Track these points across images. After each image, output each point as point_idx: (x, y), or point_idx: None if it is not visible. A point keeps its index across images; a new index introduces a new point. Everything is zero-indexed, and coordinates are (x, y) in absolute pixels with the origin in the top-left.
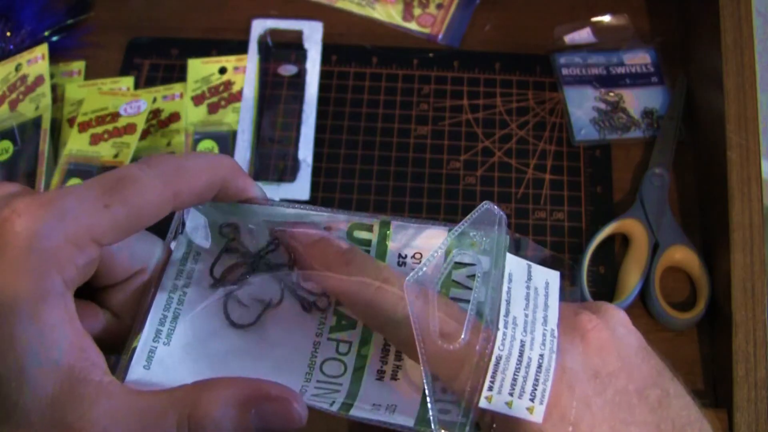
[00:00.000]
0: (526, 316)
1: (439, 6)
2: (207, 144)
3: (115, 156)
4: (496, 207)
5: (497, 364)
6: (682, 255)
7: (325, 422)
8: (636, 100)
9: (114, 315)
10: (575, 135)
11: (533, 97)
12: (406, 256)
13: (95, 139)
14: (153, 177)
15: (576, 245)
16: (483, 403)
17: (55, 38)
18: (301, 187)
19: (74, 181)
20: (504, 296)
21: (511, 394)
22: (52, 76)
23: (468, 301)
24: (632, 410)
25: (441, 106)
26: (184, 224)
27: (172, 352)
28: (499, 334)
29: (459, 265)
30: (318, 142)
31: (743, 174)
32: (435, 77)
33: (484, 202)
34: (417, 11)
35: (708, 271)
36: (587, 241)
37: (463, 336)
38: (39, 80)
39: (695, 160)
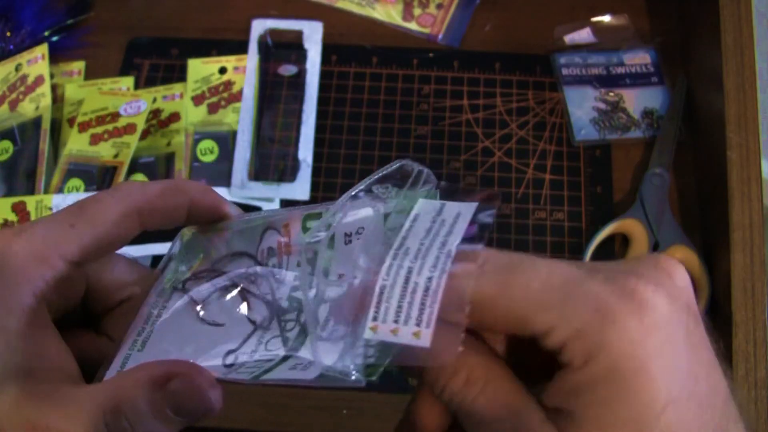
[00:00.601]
0: (422, 245)
1: (439, 6)
2: (207, 144)
3: (115, 156)
4: (414, 163)
5: (381, 293)
6: (682, 255)
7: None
8: (636, 100)
9: (110, 339)
10: (575, 135)
11: (533, 97)
12: (351, 233)
13: (95, 139)
14: (116, 198)
15: (576, 245)
16: (368, 334)
17: (55, 38)
18: (301, 187)
19: (74, 181)
20: (402, 233)
21: (396, 321)
22: (52, 76)
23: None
24: None
25: (441, 106)
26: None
27: (143, 355)
28: (384, 266)
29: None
30: (318, 142)
31: (743, 174)
32: (435, 77)
33: (397, 160)
34: (417, 11)
35: (708, 271)
36: (587, 241)
37: (353, 276)
38: (39, 80)
39: (695, 160)
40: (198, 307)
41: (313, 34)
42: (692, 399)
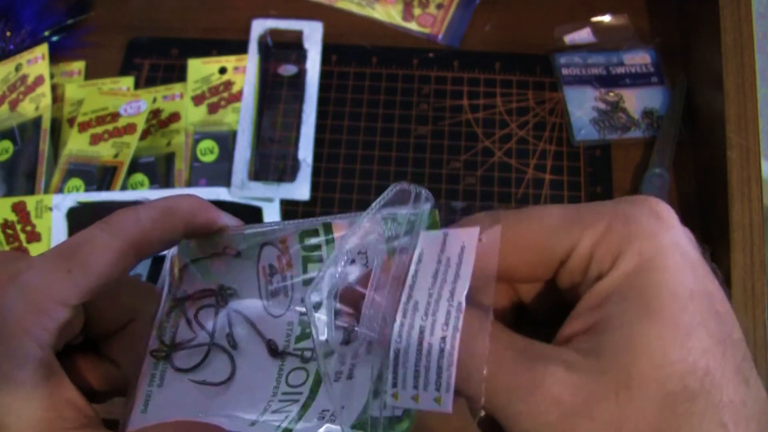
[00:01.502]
0: (430, 296)
1: (439, 6)
2: (207, 144)
3: (115, 156)
4: (410, 185)
5: (396, 358)
6: None
7: None
8: (636, 100)
9: (114, 363)
10: (575, 135)
11: (533, 97)
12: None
13: (95, 139)
14: (109, 236)
15: None
16: (390, 401)
17: (55, 38)
18: (301, 187)
19: (74, 181)
20: (408, 281)
21: (415, 387)
22: (52, 76)
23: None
24: None
25: (441, 106)
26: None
27: (165, 392)
28: (396, 326)
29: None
30: (318, 142)
31: (743, 174)
32: (435, 77)
33: (394, 184)
34: (417, 11)
35: None
36: None
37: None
38: (39, 80)
39: (695, 160)
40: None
41: (313, 34)
42: (706, 295)
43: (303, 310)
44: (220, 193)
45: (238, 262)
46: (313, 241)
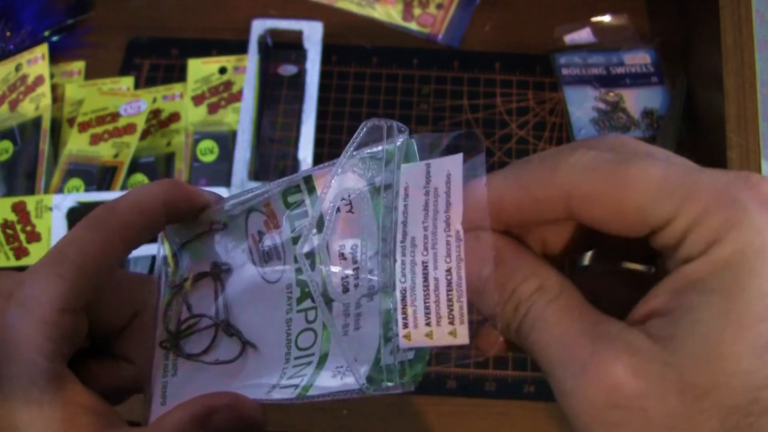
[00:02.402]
0: (426, 229)
1: (439, 6)
2: (207, 144)
3: (115, 156)
4: (380, 120)
5: (403, 298)
6: None
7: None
8: (636, 100)
9: (127, 360)
10: (575, 135)
11: (533, 97)
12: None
13: (95, 139)
14: (92, 233)
15: None
16: (402, 344)
17: (55, 38)
18: None
19: (74, 181)
20: (400, 218)
21: (428, 324)
22: (52, 76)
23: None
24: None
25: (441, 106)
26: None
27: (180, 379)
28: (398, 266)
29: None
30: (318, 142)
31: None
32: (435, 77)
33: (365, 121)
34: (417, 11)
35: None
36: None
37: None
38: (39, 80)
39: (695, 160)
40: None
41: (313, 34)
42: None
43: (298, 266)
44: (220, 193)
45: (227, 236)
46: (297, 197)
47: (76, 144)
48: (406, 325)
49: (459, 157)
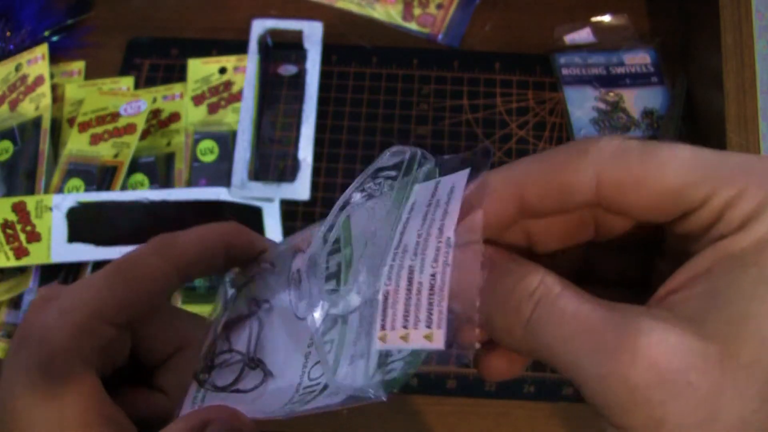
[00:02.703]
0: (419, 236)
1: (439, 6)
2: (207, 144)
3: (115, 156)
4: (405, 147)
5: (386, 300)
6: None
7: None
8: (636, 100)
9: (164, 393)
10: (575, 135)
11: (533, 97)
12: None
13: (95, 139)
14: (150, 254)
15: None
16: (377, 345)
17: (55, 38)
18: (301, 186)
19: (74, 182)
20: (399, 228)
21: (405, 327)
22: (52, 76)
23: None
24: None
25: (441, 106)
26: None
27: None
28: (385, 270)
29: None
30: (318, 142)
31: None
32: (435, 77)
33: (386, 150)
34: (417, 11)
35: None
36: None
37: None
38: (39, 80)
39: None
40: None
41: (313, 34)
42: None
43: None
44: (220, 193)
45: (274, 276)
46: (333, 234)
47: (76, 144)
48: (383, 327)
49: (466, 172)
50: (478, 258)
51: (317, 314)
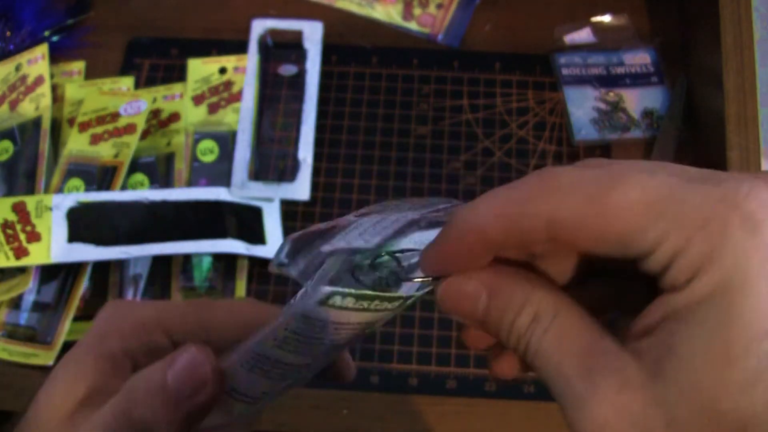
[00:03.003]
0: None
1: (439, 6)
2: (207, 144)
3: (116, 156)
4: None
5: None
6: None
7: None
8: (636, 100)
9: None
10: (575, 135)
11: (533, 97)
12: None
13: (95, 139)
14: (228, 314)
15: None
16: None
17: (55, 38)
18: (301, 186)
19: (74, 181)
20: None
21: None
22: (52, 76)
23: None
24: None
25: (441, 106)
26: None
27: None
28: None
29: None
30: (318, 142)
31: None
32: (435, 77)
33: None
34: (417, 11)
35: None
36: None
37: None
38: (39, 80)
39: (695, 160)
40: None
41: (313, 34)
42: None
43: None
44: (220, 193)
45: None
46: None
47: (76, 144)
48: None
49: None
50: (480, 288)
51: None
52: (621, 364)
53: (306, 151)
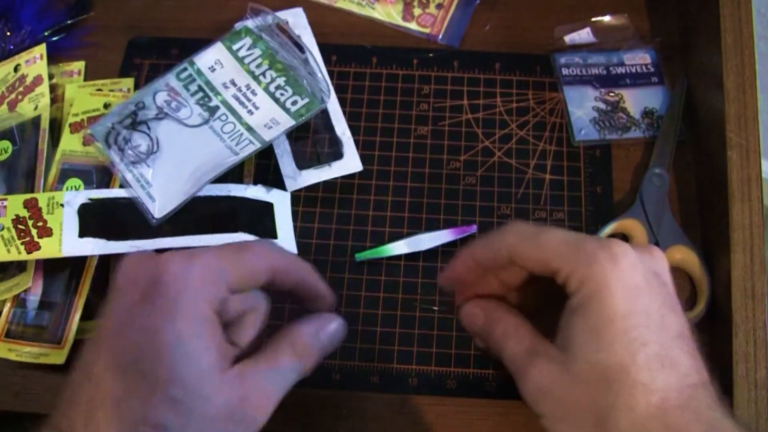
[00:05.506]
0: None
1: (439, 6)
2: None
3: None
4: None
5: None
6: (682, 255)
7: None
8: (636, 100)
9: (236, 346)
10: (575, 135)
11: (533, 97)
12: None
13: (88, 140)
14: (264, 255)
15: None
16: None
17: (55, 38)
18: (351, 160)
19: (73, 181)
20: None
21: None
22: (52, 76)
23: None
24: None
25: (441, 106)
26: None
27: None
28: None
29: None
30: None
31: (743, 174)
32: (435, 77)
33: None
34: (417, 11)
35: (708, 271)
36: None
37: None
38: (38, 80)
39: (695, 160)
40: None
41: (298, 21)
42: (642, 316)
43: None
44: (231, 189)
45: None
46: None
47: (69, 145)
48: None
49: None
50: (480, 313)
51: None
52: (547, 349)
53: (342, 127)
